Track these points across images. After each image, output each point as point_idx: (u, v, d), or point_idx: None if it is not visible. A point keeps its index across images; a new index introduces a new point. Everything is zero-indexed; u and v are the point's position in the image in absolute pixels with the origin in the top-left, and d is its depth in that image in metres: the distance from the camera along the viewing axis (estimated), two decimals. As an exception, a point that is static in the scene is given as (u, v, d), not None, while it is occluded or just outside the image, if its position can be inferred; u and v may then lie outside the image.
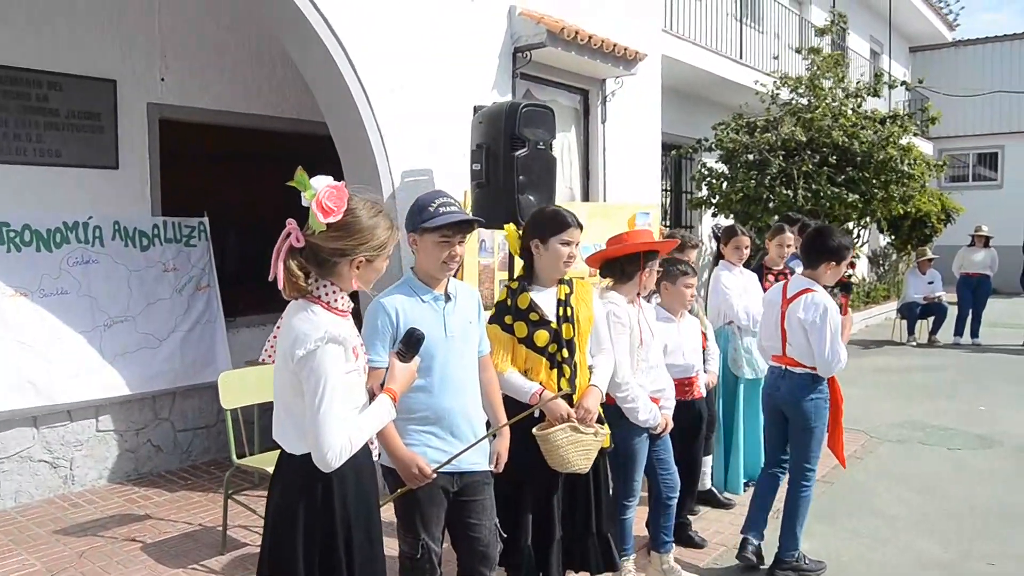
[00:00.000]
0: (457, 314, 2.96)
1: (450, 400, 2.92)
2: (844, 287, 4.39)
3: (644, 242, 3.71)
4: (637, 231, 3.95)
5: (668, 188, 12.39)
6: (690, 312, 4.82)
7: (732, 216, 10.68)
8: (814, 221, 6.59)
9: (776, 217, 8.48)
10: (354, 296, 2.43)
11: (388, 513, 2.84)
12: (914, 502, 5.32)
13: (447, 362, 2.91)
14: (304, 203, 2.24)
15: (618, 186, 7.36)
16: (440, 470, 2.80)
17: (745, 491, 5.42)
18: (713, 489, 5.28)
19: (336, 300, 2.32)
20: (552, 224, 3.34)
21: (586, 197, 7.24)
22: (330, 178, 2.27)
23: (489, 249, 5.57)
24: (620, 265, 3.70)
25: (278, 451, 4.54)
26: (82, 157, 5.61)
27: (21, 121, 5.35)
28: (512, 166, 4.86)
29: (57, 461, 5.52)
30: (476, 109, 5.23)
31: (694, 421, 4.42)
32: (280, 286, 2.26)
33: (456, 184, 5.35)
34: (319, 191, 2.22)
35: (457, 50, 5.76)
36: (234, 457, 4.51)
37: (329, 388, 2.18)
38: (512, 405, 3.24)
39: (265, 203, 6.92)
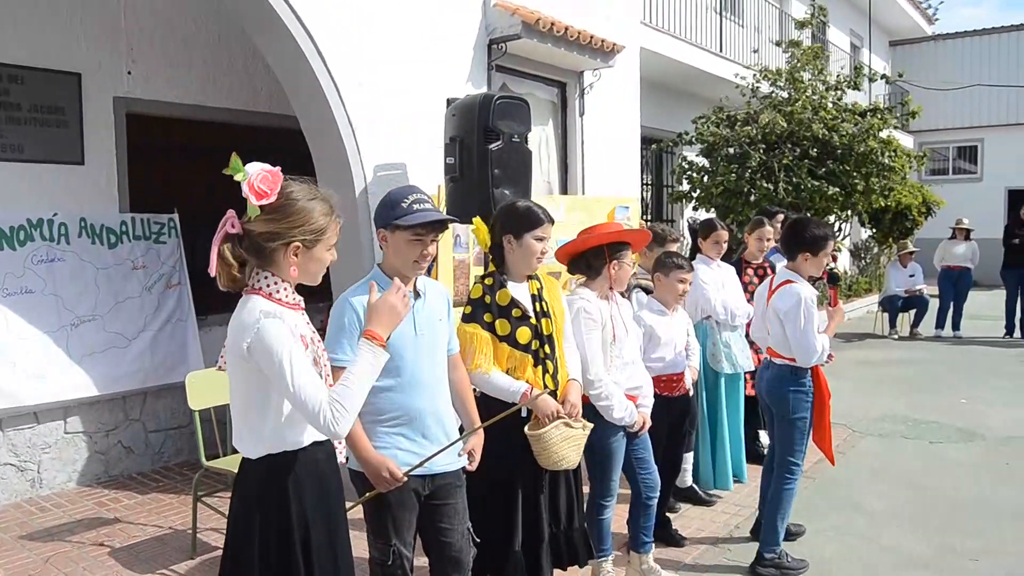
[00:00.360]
0: (426, 312, 2.86)
1: (421, 400, 2.82)
2: (831, 278, 4.34)
3: (607, 233, 3.61)
4: (605, 224, 3.82)
5: (649, 182, 12.33)
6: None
7: (713, 210, 10.64)
8: (794, 214, 6.53)
9: (755, 211, 8.44)
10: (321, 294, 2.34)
11: (357, 516, 2.75)
12: (896, 497, 5.27)
13: (417, 361, 2.80)
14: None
15: (597, 179, 7.28)
16: (411, 473, 2.70)
17: (736, 484, 5.39)
18: (694, 486, 5.21)
19: (279, 291, 2.22)
20: (526, 220, 3.24)
21: (564, 190, 7.15)
22: (265, 164, 2.19)
23: (464, 244, 5.47)
24: (586, 259, 3.61)
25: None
26: (46, 152, 5.46)
27: (-18, 116, 5.21)
28: (486, 159, 4.76)
29: (24, 464, 5.38)
30: (450, 102, 5.12)
31: (680, 418, 4.35)
32: (213, 273, 2.20)
33: (430, 178, 5.25)
34: (252, 174, 2.15)
35: (430, 42, 5.65)
36: (203, 459, 4.40)
37: (287, 355, 2.10)
38: (500, 407, 3.10)
39: (237, 199, 6.81)
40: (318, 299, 5.39)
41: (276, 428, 2.22)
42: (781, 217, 6.26)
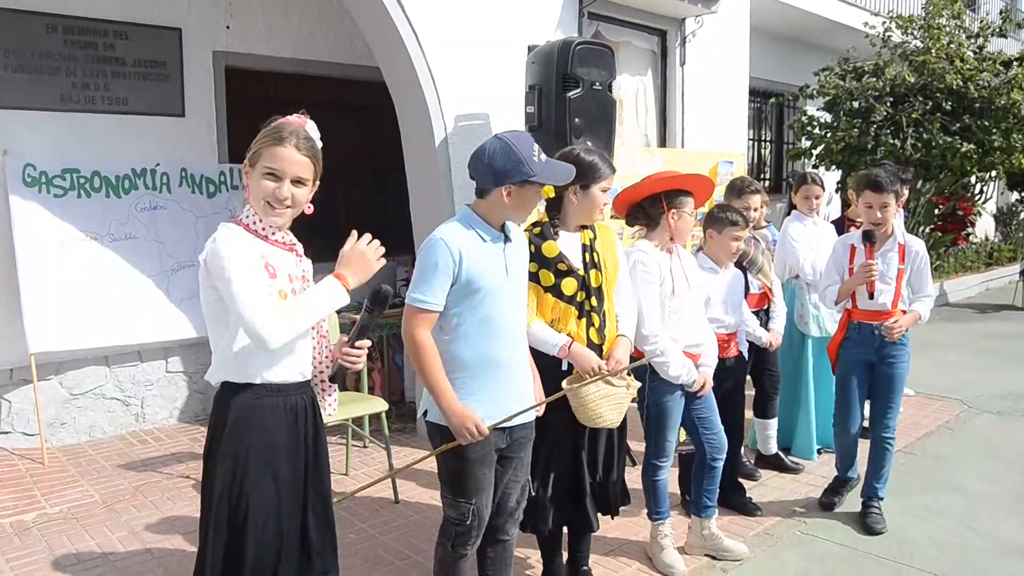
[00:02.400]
0: (516, 255, 2.77)
1: (508, 350, 2.72)
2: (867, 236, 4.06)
3: (662, 179, 3.40)
4: (667, 172, 3.60)
5: (769, 139, 11.76)
6: (753, 266, 4.50)
7: (835, 167, 10.05)
8: (902, 170, 6.05)
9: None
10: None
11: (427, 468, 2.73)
12: (1005, 481, 4.83)
13: (507, 308, 2.70)
14: None
15: (698, 133, 6.97)
16: (507, 425, 2.68)
17: (819, 457, 5.10)
18: (779, 453, 4.97)
19: (254, 222, 2.26)
20: (593, 170, 3.11)
21: (663, 144, 6.89)
22: None
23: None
24: (644, 209, 3.44)
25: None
26: (149, 105, 5.70)
27: (89, 71, 5.47)
28: (565, 108, 4.63)
29: (128, 399, 5.73)
30: (531, 49, 4.98)
31: (723, 381, 4.07)
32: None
33: (512, 127, 5.14)
34: None
35: (518, -13, 5.51)
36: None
37: (235, 268, 2.11)
38: (539, 358, 3.05)
39: (331, 151, 6.94)
40: (398, 252, 5.44)
41: (231, 355, 2.23)
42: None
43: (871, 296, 3.97)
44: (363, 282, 2.30)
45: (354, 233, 2.35)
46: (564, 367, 3.10)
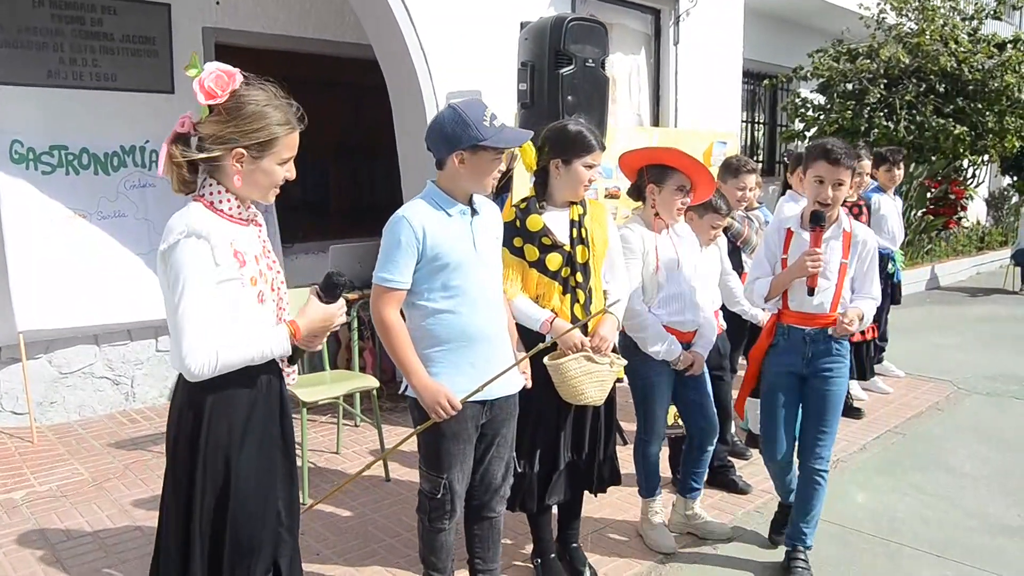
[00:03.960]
0: (485, 229, 2.73)
1: (483, 323, 2.69)
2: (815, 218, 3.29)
3: (639, 153, 3.38)
4: (656, 147, 3.54)
5: (762, 121, 11.74)
6: (747, 246, 4.48)
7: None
8: (889, 151, 6.04)
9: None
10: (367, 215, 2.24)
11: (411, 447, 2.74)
12: (994, 460, 4.86)
13: (479, 281, 2.67)
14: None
15: (692, 112, 6.94)
16: (469, 400, 2.64)
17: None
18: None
19: (221, 202, 2.09)
20: (576, 144, 3.06)
21: (656, 123, 6.87)
22: (225, 65, 2.06)
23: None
24: (636, 185, 3.43)
25: (316, 374, 4.54)
26: (138, 81, 5.64)
27: (77, 46, 5.41)
28: (558, 85, 4.60)
29: (119, 378, 5.70)
30: (523, 25, 4.94)
31: (711, 361, 3.99)
32: (160, 174, 2.11)
33: (504, 105, 5.11)
34: (204, 73, 2.01)
35: (511, -36, 5.46)
36: (269, 380, 4.51)
37: (190, 286, 1.97)
38: (523, 333, 3.06)
39: (323, 130, 6.90)
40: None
41: None
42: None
43: (810, 292, 3.21)
44: (319, 341, 2.23)
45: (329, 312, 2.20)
46: (547, 341, 3.07)
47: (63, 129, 5.33)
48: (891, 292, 6.13)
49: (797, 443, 3.45)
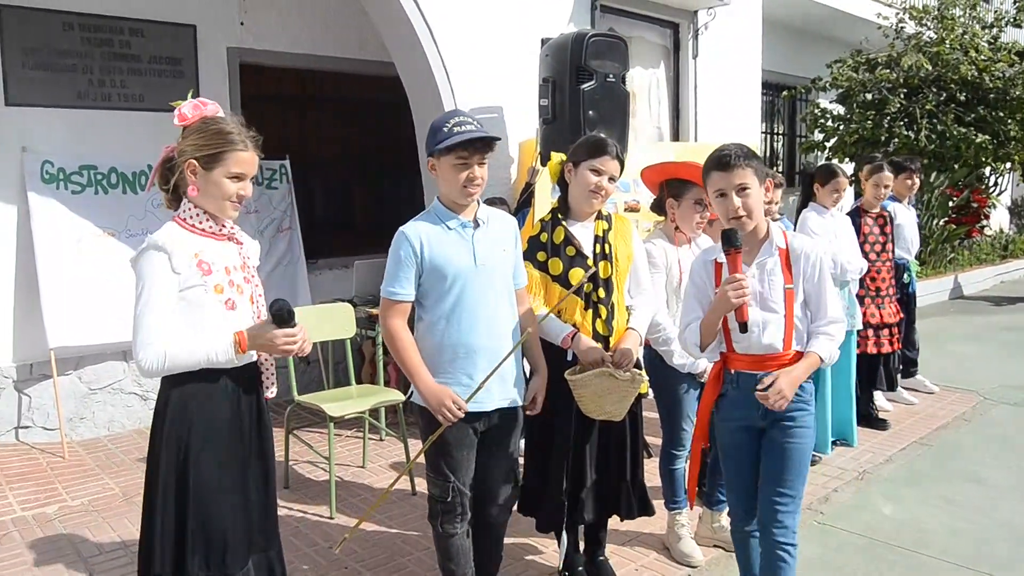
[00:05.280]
0: (488, 241, 2.76)
1: (480, 337, 2.72)
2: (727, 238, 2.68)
3: (658, 167, 3.39)
4: (674, 162, 3.54)
5: (781, 132, 11.72)
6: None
7: (848, 160, 10.01)
8: (906, 160, 6.03)
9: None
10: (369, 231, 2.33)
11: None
12: (1022, 471, 4.81)
13: (476, 294, 2.71)
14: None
15: (711, 126, 6.96)
16: (472, 410, 2.69)
17: (834, 449, 5.10)
18: None
19: (191, 216, 2.32)
20: (586, 148, 3.09)
21: (676, 137, 6.89)
22: (208, 100, 2.35)
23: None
24: (657, 200, 3.46)
25: (342, 388, 4.60)
26: (165, 101, 5.62)
27: (106, 68, 5.52)
28: (579, 100, 4.65)
29: (146, 394, 5.77)
30: (544, 42, 4.99)
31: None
32: (147, 189, 2.43)
33: (527, 121, 5.18)
34: (185, 103, 2.31)
35: (531, -19, 5.53)
36: (295, 394, 4.56)
37: (146, 292, 2.20)
38: (545, 348, 3.07)
39: (344, 147, 6.99)
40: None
41: None
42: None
43: (743, 329, 2.61)
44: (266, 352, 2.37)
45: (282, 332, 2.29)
46: (569, 357, 3.09)
47: (92, 149, 5.44)
48: (907, 302, 6.11)
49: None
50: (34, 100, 5.26)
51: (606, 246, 3.12)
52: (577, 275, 3.07)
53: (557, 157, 3.25)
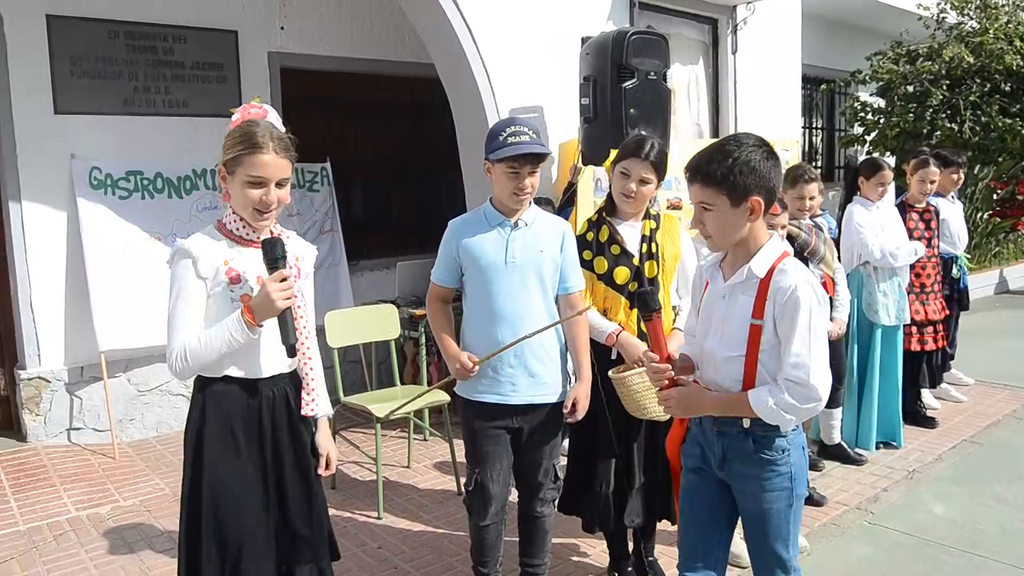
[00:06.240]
0: (526, 241, 2.85)
1: (503, 331, 2.84)
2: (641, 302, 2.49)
3: None
4: None
5: (820, 126, 11.58)
6: (815, 256, 4.43)
7: (888, 154, 9.85)
8: (956, 154, 5.92)
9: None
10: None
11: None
12: (1078, 468, 4.73)
13: (504, 290, 2.84)
14: None
15: (751, 121, 6.89)
16: (494, 402, 2.86)
17: (878, 450, 5.03)
18: (843, 444, 4.91)
19: (227, 221, 2.32)
20: (621, 149, 3.13)
21: (716, 133, 6.84)
22: (260, 106, 2.37)
23: (605, 188, 5.35)
24: None
25: (387, 389, 4.65)
26: (208, 106, 5.82)
27: (150, 74, 5.61)
28: (621, 98, 4.64)
29: (193, 396, 5.85)
30: (584, 41, 4.98)
31: None
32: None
33: (567, 120, 5.17)
34: (239, 108, 2.36)
35: (569, -20, 5.52)
36: (341, 395, 4.60)
37: (174, 292, 2.23)
38: (601, 350, 3.09)
39: (384, 148, 7.03)
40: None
41: None
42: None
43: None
44: (269, 317, 2.22)
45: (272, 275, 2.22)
46: (614, 356, 3.12)
47: (138, 155, 5.53)
48: (957, 297, 6.01)
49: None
50: (82, 108, 5.36)
51: (653, 245, 3.11)
52: (622, 274, 3.08)
53: (614, 155, 3.26)
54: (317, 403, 2.43)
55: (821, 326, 2.14)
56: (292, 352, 2.29)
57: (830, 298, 4.46)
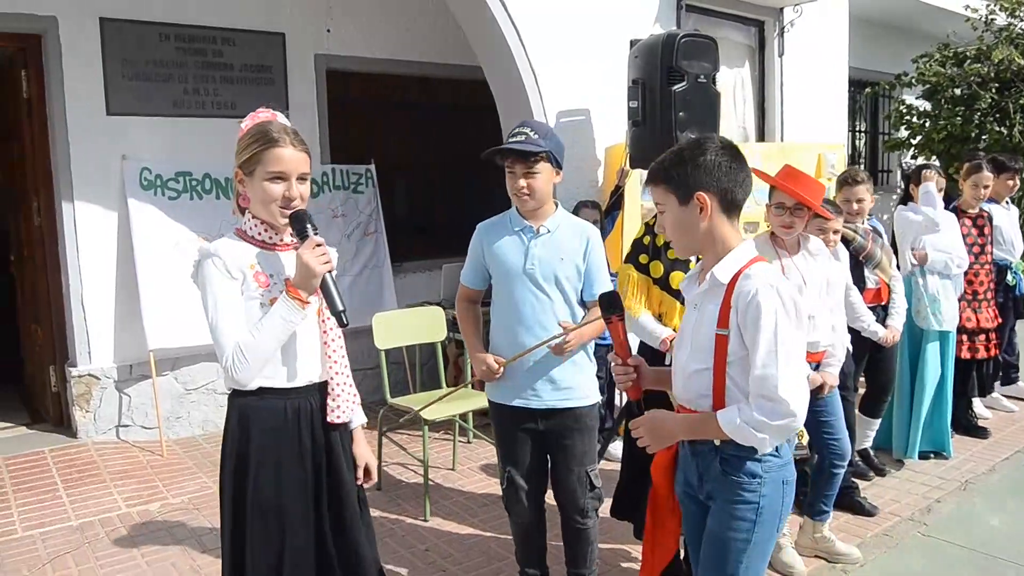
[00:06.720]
0: (547, 247, 2.88)
1: (520, 334, 2.89)
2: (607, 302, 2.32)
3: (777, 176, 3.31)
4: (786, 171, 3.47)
5: (863, 130, 11.41)
6: (871, 260, 4.36)
7: (935, 158, 9.68)
8: (1012, 160, 5.80)
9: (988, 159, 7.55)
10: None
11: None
12: None
13: (521, 296, 2.89)
14: None
15: (798, 125, 6.82)
16: (516, 404, 2.93)
17: (928, 459, 4.94)
18: (869, 450, 4.81)
19: (248, 227, 2.25)
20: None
21: (761, 137, 6.77)
22: (267, 110, 2.32)
23: (650, 193, 5.33)
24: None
25: (431, 391, 4.66)
26: (255, 108, 5.83)
27: (200, 76, 5.67)
28: (670, 102, 4.60)
29: (238, 395, 5.91)
30: (633, 43, 4.95)
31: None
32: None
33: (615, 123, 5.15)
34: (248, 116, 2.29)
35: (616, -17, 5.49)
36: (388, 396, 4.61)
37: (211, 298, 2.15)
38: (644, 351, 3.08)
39: (429, 150, 7.04)
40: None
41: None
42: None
43: (637, 409, 2.23)
44: (314, 288, 2.17)
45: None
46: (668, 362, 3.08)
47: (187, 156, 5.59)
48: (1013, 305, 5.89)
49: None
50: (133, 109, 5.43)
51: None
52: (678, 278, 3.06)
53: None
54: (342, 409, 2.30)
55: (790, 335, 1.93)
56: (342, 321, 2.22)
57: (884, 305, 4.40)
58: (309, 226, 2.18)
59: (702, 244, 2.08)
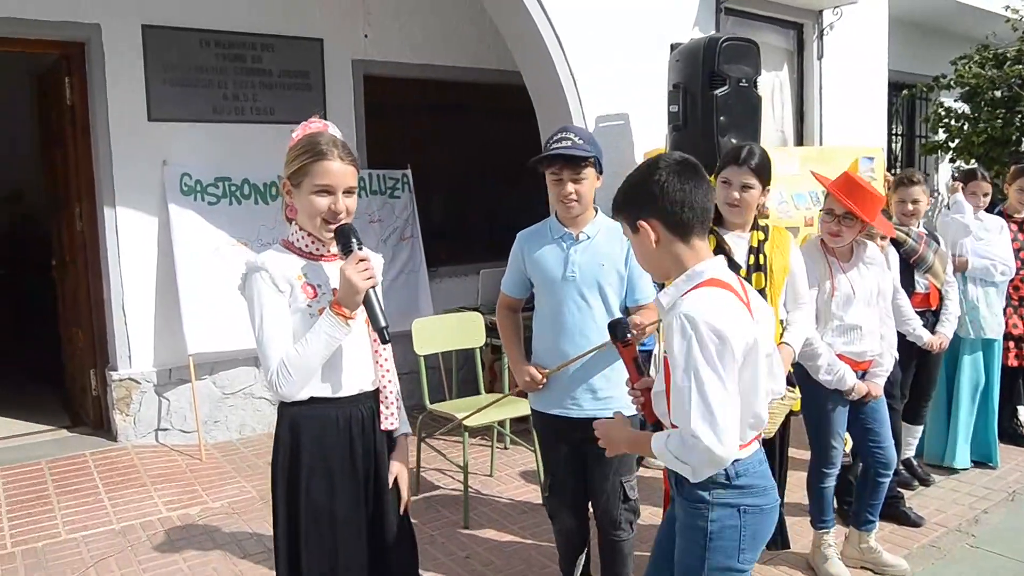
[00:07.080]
0: (587, 254, 2.87)
1: (561, 342, 2.88)
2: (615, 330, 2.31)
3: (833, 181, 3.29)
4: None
5: (900, 132, 11.26)
6: (923, 264, 4.28)
7: (974, 161, 9.53)
8: None
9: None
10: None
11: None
12: None
13: (560, 304, 2.88)
14: None
15: (837, 128, 6.74)
16: (555, 413, 2.94)
17: (972, 469, 4.85)
18: (912, 460, 4.73)
19: (298, 240, 2.25)
20: (722, 159, 3.13)
21: (800, 141, 6.69)
22: (320, 121, 2.31)
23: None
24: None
25: (470, 397, 4.64)
26: (294, 114, 5.89)
27: (239, 82, 5.71)
28: (711, 106, 4.56)
29: (276, 399, 5.93)
30: (673, 47, 4.92)
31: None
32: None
33: (655, 128, 5.11)
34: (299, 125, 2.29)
35: (655, -15, 5.46)
36: (427, 402, 4.60)
37: (258, 312, 2.14)
38: None
39: (465, 155, 7.04)
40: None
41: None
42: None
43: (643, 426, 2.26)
44: (358, 304, 2.15)
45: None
46: None
47: (227, 161, 5.63)
48: None
49: None
50: (174, 115, 5.48)
51: (761, 257, 3.05)
52: None
53: None
54: (396, 416, 2.34)
55: (707, 368, 1.80)
56: (384, 338, 2.21)
57: (933, 310, 4.32)
58: (354, 240, 2.17)
59: (666, 268, 2.00)
